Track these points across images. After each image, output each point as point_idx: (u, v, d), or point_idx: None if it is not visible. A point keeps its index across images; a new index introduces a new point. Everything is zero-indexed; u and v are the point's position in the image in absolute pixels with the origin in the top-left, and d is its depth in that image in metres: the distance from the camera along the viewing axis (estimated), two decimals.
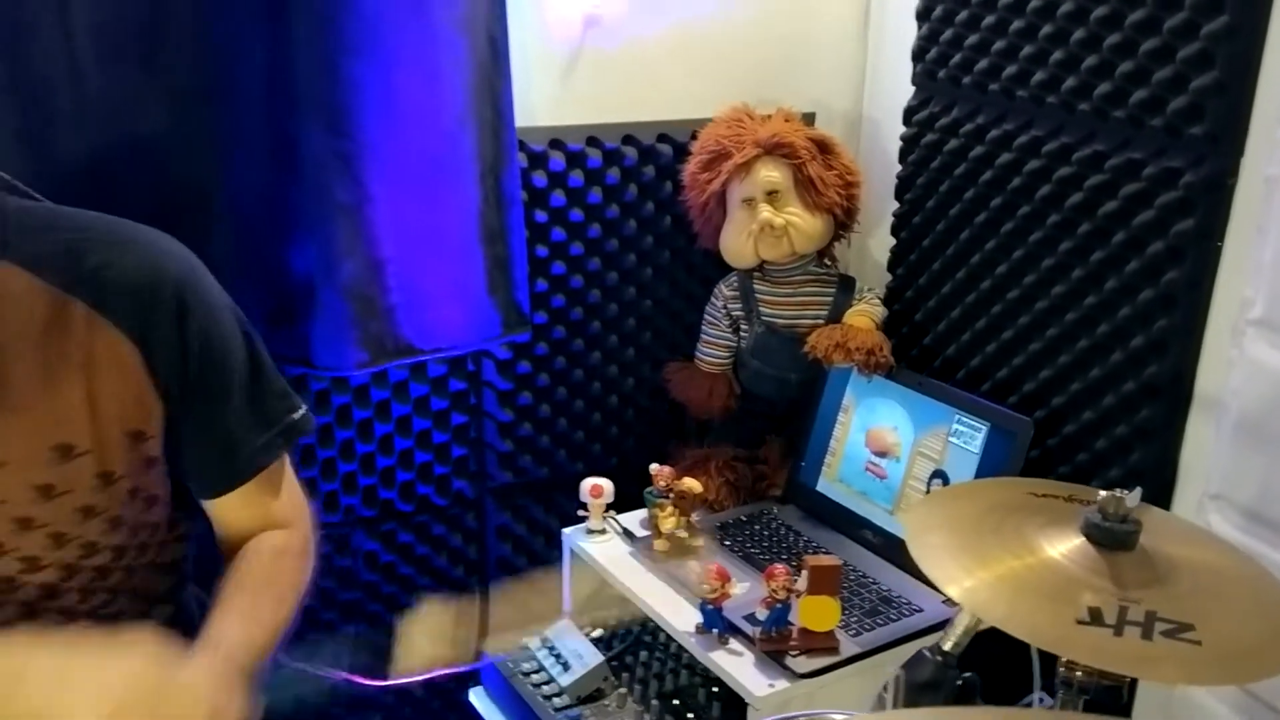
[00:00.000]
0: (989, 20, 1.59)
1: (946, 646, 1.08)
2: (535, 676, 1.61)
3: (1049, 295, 1.57)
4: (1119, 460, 1.49)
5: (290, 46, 1.44)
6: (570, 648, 1.61)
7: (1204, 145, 1.34)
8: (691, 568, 1.52)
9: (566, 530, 1.77)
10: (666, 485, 1.68)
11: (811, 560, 1.43)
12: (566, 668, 1.58)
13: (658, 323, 1.91)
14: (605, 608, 1.73)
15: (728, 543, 1.71)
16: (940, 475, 1.62)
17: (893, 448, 1.69)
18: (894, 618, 1.52)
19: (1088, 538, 1.02)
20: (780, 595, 1.43)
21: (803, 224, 1.72)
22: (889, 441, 1.70)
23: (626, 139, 1.78)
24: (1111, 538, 1.00)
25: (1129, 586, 0.97)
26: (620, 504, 1.74)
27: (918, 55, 1.75)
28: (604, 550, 1.70)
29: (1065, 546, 1.02)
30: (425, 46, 1.51)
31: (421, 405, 1.76)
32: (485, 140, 1.60)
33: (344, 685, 1.79)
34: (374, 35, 1.46)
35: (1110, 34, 1.42)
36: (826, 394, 1.80)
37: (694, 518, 1.70)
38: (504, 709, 1.66)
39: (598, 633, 1.68)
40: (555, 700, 1.56)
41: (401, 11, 1.47)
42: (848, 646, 1.45)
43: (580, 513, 1.73)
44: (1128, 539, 1.00)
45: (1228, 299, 1.35)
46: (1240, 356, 1.31)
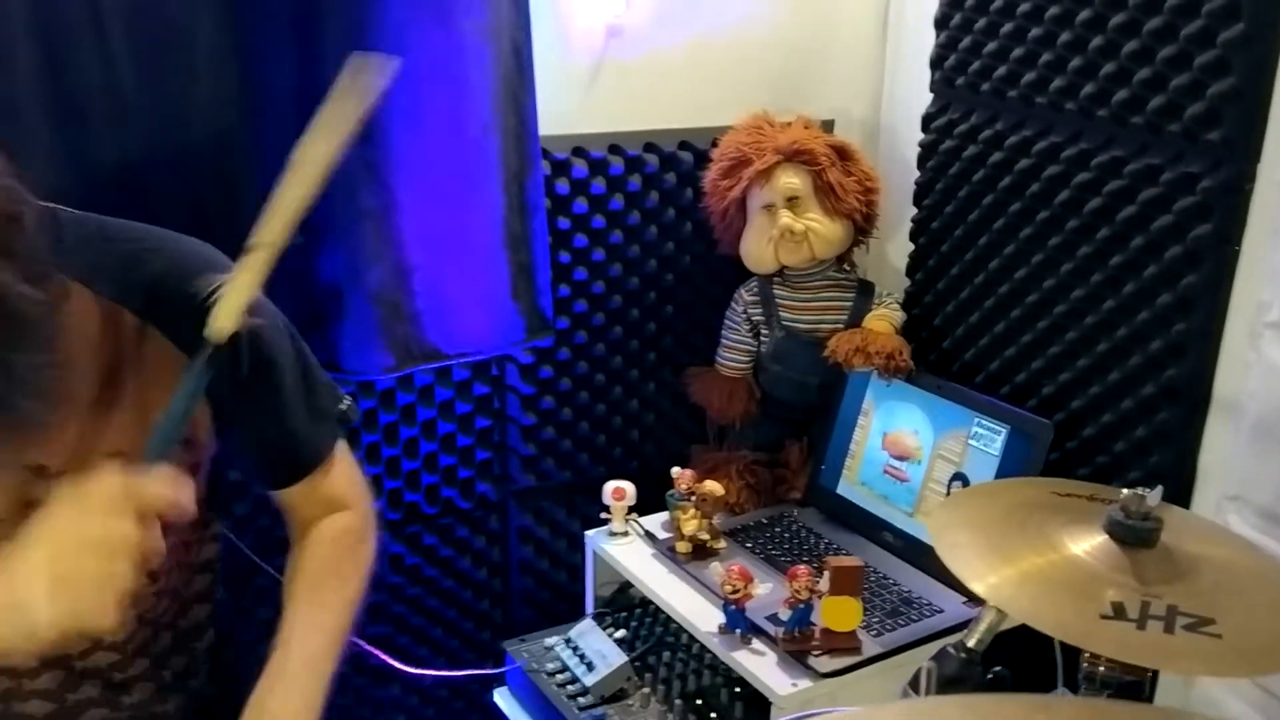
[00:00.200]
0: (1007, 28, 1.61)
1: (971, 643, 1.09)
2: (559, 677, 1.63)
3: (1068, 299, 1.58)
4: (1138, 462, 1.51)
5: (318, 57, 1.46)
6: (594, 648, 1.62)
7: (1221, 151, 1.35)
8: (714, 569, 1.54)
9: (590, 532, 1.79)
10: (688, 488, 1.70)
11: (834, 561, 1.45)
12: (591, 668, 1.60)
13: (678, 328, 1.93)
14: None
15: (749, 545, 1.73)
16: (960, 478, 1.64)
17: (913, 451, 1.71)
18: (915, 618, 1.54)
19: (1110, 535, 1.03)
20: (803, 596, 1.45)
21: (823, 229, 1.74)
22: (909, 445, 1.72)
23: (648, 146, 1.81)
24: (1134, 535, 1.02)
25: (1151, 582, 0.99)
26: (640, 507, 1.76)
27: (936, 63, 1.77)
28: (626, 552, 1.72)
29: (1088, 544, 1.04)
30: (451, 57, 1.53)
31: (446, 409, 1.78)
32: (509, 148, 1.62)
33: (369, 683, 1.82)
34: (400, 45, 1.49)
35: (1128, 41, 1.44)
36: (846, 398, 1.82)
37: (715, 520, 1.72)
38: (529, 709, 1.68)
39: (620, 633, 1.70)
40: (580, 700, 1.58)
41: (428, 22, 1.50)
42: (870, 646, 1.46)
43: (602, 515, 1.76)
44: (1149, 536, 1.02)
45: (1245, 302, 1.37)
46: (1258, 359, 1.32)
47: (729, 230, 1.82)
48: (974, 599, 1.46)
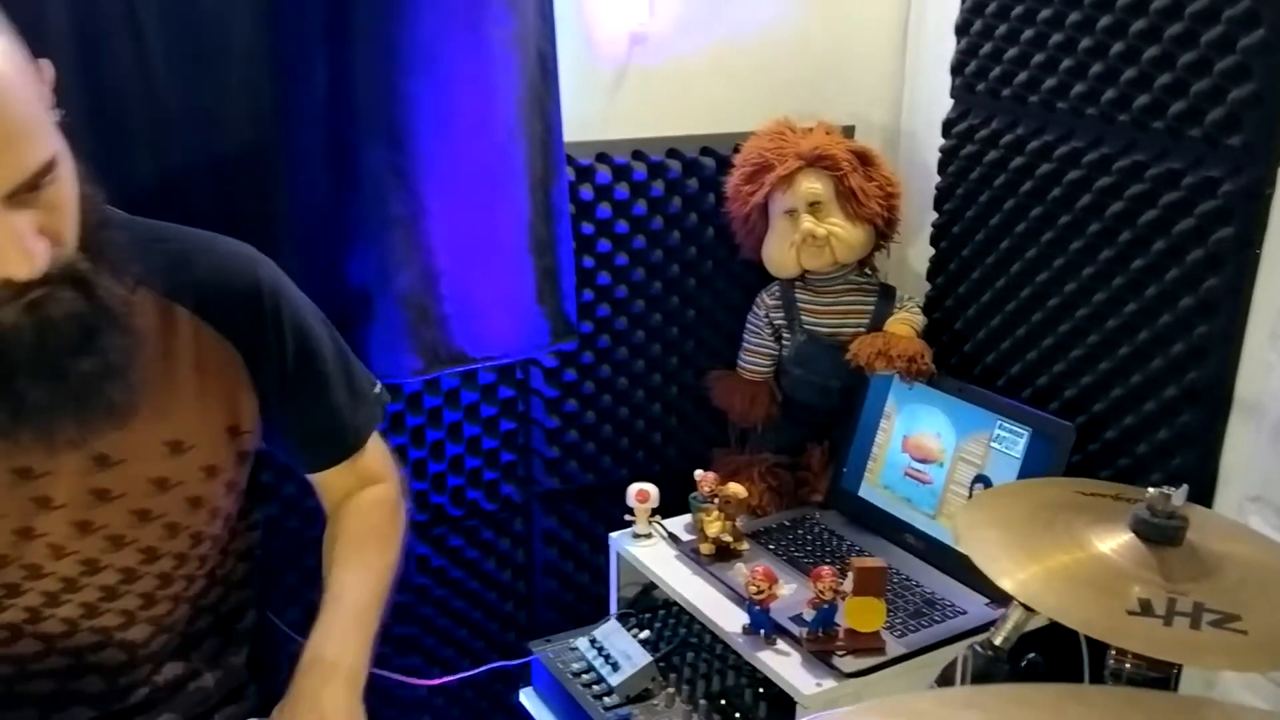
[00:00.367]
0: (1028, 33, 1.63)
1: (997, 641, 1.11)
2: (585, 676, 1.64)
3: (1090, 303, 1.59)
4: (1160, 464, 1.52)
5: (350, 67, 1.49)
6: (619, 648, 1.64)
7: (1242, 155, 1.37)
8: (739, 570, 1.55)
9: (614, 534, 1.80)
10: (711, 490, 1.71)
11: (858, 562, 1.46)
12: (616, 668, 1.61)
13: (700, 331, 1.95)
14: None
15: (771, 547, 1.74)
16: (983, 480, 1.65)
17: (935, 454, 1.72)
18: (938, 619, 1.55)
19: (1136, 533, 1.05)
20: (827, 596, 1.46)
21: (844, 234, 1.76)
22: (931, 447, 1.73)
23: (670, 152, 1.83)
24: (1159, 533, 1.03)
25: (1176, 579, 1.00)
26: (663, 510, 1.78)
27: (957, 69, 1.78)
28: (650, 554, 1.74)
29: (1114, 542, 1.05)
30: (478, 64, 1.56)
31: (472, 412, 1.80)
32: (535, 154, 1.64)
33: (393, 685, 1.84)
34: (430, 55, 1.51)
35: (1149, 47, 1.45)
36: (868, 401, 1.83)
37: (738, 522, 1.74)
38: (554, 708, 1.70)
39: (645, 634, 1.71)
40: (605, 700, 1.59)
41: (456, 31, 1.52)
42: (893, 647, 1.48)
43: (626, 518, 1.77)
44: (1175, 534, 1.03)
45: (1266, 305, 1.38)
46: (1279, 361, 1.33)
47: (751, 235, 1.83)
48: (998, 599, 1.48)
